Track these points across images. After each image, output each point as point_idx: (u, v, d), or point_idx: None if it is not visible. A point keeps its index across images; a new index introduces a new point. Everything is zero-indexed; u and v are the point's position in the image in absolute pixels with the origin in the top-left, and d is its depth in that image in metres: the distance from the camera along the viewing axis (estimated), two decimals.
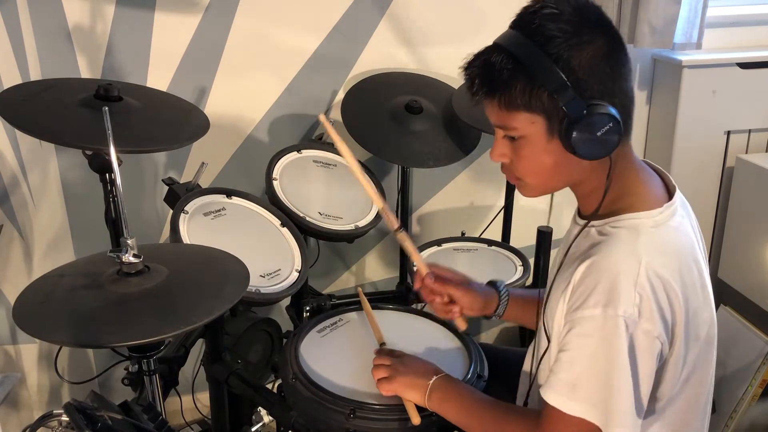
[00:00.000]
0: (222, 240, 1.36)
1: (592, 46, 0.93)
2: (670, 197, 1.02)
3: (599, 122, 0.92)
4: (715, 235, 2.25)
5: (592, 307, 0.91)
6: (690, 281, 0.96)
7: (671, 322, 0.93)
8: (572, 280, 0.95)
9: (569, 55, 0.92)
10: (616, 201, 1.01)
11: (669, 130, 2.13)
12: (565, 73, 0.91)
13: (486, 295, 1.29)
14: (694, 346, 0.98)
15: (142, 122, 1.39)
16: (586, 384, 0.93)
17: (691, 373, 1.00)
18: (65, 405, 0.92)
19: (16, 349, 1.90)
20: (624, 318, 0.89)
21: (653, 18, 1.98)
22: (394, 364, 1.16)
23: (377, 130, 1.82)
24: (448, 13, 2.00)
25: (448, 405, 1.10)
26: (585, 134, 0.92)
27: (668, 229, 0.98)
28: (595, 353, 0.92)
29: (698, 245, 1.04)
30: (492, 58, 0.96)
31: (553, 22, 0.93)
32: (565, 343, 0.95)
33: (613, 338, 0.90)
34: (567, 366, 0.94)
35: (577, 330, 0.93)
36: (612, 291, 0.90)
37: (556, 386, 0.95)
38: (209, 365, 1.47)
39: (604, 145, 0.93)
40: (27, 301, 1.04)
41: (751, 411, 1.93)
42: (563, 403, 0.94)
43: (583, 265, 0.94)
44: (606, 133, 0.92)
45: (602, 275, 0.92)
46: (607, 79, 0.94)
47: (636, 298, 0.90)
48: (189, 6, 1.82)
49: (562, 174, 1.01)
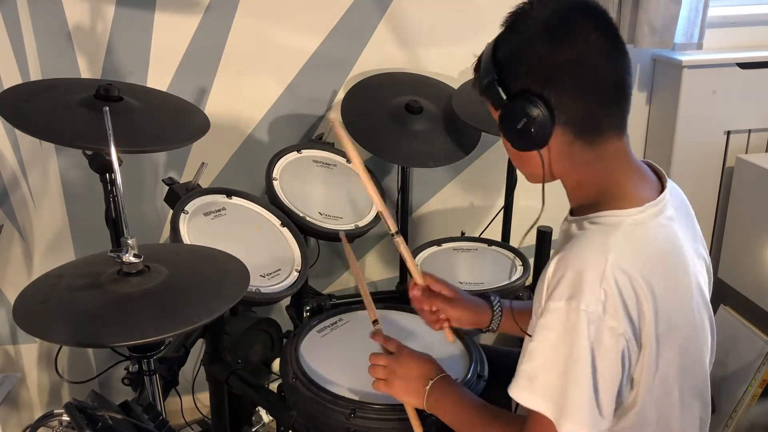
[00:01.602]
0: (222, 240, 1.36)
1: (544, 46, 0.93)
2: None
3: (515, 116, 0.95)
4: (715, 235, 2.26)
5: (557, 300, 0.91)
6: (664, 283, 0.94)
7: (638, 321, 0.92)
8: (546, 274, 0.95)
9: (511, 51, 0.96)
10: (598, 197, 1.00)
11: (669, 130, 2.13)
12: (501, 68, 0.96)
13: (478, 310, 1.28)
14: (667, 350, 0.96)
15: (142, 122, 1.39)
16: (544, 376, 0.92)
17: (669, 377, 0.98)
18: (66, 405, 0.92)
19: (16, 349, 1.90)
20: (586, 312, 0.89)
21: (653, 18, 1.98)
22: (391, 365, 1.15)
23: (377, 130, 1.81)
24: (447, 13, 2.00)
25: (443, 408, 1.10)
26: (507, 125, 0.97)
27: (648, 228, 0.97)
28: (556, 345, 0.91)
29: (690, 247, 1.02)
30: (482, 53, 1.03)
31: (516, 20, 0.97)
32: (534, 334, 0.95)
33: (574, 332, 0.89)
34: (529, 357, 0.94)
35: (542, 321, 0.93)
36: (577, 285, 0.90)
37: (518, 378, 0.95)
38: (209, 365, 1.47)
39: (525, 137, 0.96)
40: (27, 301, 1.04)
41: (751, 411, 1.93)
42: (524, 396, 0.93)
43: (555, 258, 0.94)
44: (524, 127, 0.94)
45: (569, 269, 0.92)
46: (552, 80, 0.93)
47: (601, 294, 0.89)
48: (189, 6, 1.82)
49: (525, 163, 1.04)
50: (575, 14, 0.95)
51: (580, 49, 0.93)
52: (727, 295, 2.12)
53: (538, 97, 0.94)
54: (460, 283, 1.68)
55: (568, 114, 0.95)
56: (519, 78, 0.95)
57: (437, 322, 1.26)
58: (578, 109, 0.95)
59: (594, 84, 0.95)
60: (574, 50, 0.93)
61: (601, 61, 0.95)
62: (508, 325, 1.30)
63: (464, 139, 1.85)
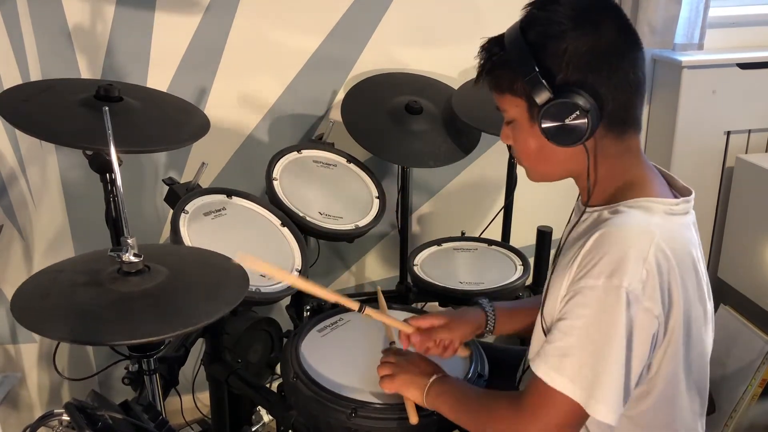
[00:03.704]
0: (222, 240, 1.36)
1: (579, 36, 0.93)
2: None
3: (565, 110, 0.93)
4: (715, 235, 2.26)
5: (595, 278, 0.89)
6: (689, 273, 0.96)
7: (668, 307, 0.92)
8: (581, 251, 0.93)
9: (548, 43, 0.93)
10: (621, 190, 1.00)
11: (669, 130, 2.13)
12: (540, 61, 0.93)
13: (473, 319, 1.27)
14: (684, 340, 0.96)
15: (142, 122, 1.39)
16: (576, 356, 0.90)
17: (678, 367, 0.98)
18: (66, 404, 0.92)
19: (16, 349, 1.90)
20: (627, 290, 0.87)
21: (653, 18, 1.98)
22: (399, 362, 1.16)
23: (377, 130, 1.82)
24: (448, 13, 2.00)
25: (443, 402, 1.10)
26: (552, 120, 0.94)
27: (680, 219, 0.98)
28: (591, 324, 0.89)
29: (698, 248, 1.04)
30: (489, 44, 1.01)
31: (544, 10, 0.95)
32: (564, 313, 0.93)
33: (613, 311, 0.88)
34: (560, 335, 0.92)
35: (577, 299, 0.91)
36: (619, 263, 0.88)
37: (546, 355, 0.93)
38: (209, 365, 1.47)
39: (572, 132, 0.93)
40: (26, 296, 1.03)
41: (751, 411, 1.93)
42: (551, 376, 0.91)
43: (594, 236, 0.92)
44: (574, 120, 0.92)
45: (612, 247, 0.90)
46: (592, 70, 0.93)
47: (643, 273, 0.88)
48: (189, 6, 1.82)
49: (550, 160, 1.02)
50: (602, 7, 0.96)
51: (615, 38, 0.94)
52: (727, 295, 2.12)
53: (584, 87, 0.92)
54: (460, 283, 1.68)
55: (606, 105, 0.95)
56: (561, 68, 0.93)
57: (447, 349, 1.24)
58: (615, 101, 0.95)
59: (627, 75, 0.95)
60: (610, 40, 0.94)
61: (630, 54, 0.96)
62: (504, 325, 1.29)
63: (464, 139, 1.85)
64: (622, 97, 0.96)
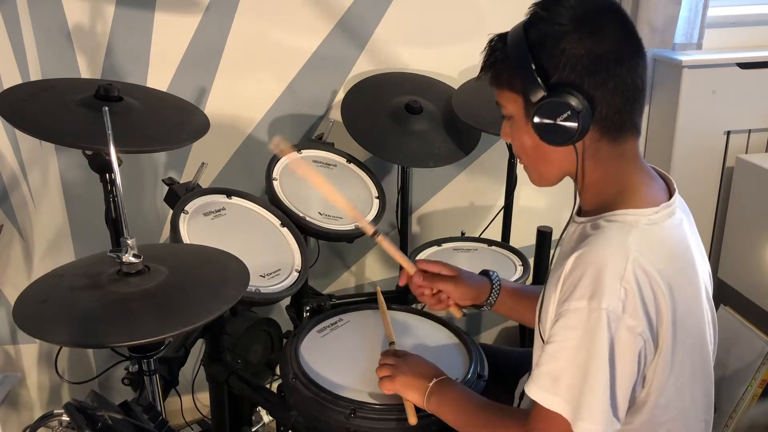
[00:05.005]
0: (222, 240, 1.36)
1: (579, 38, 0.93)
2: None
3: (557, 109, 0.93)
4: (715, 235, 2.25)
5: (577, 299, 0.91)
6: (680, 283, 0.95)
7: (656, 321, 0.92)
8: (563, 272, 0.95)
9: (547, 43, 0.94)
10: (613, 197, 1.00)
11: (669, 130, 2.13)
12: (538, 59, 0.94)
13: (478, 286, 1.29)
14: (681, 350, 0.96)
15: (142, 122, 1.39)
16: (567, 378, 0.92)
17: (681, 378, 0.98)
18: (65, 405, 0.92)
19: (16, 349, 1.90)
20: (607, 311, 0.89)
21: (653, 18, 1.98)
22: (398, 364, 1.16)
23: (377, 130, 1.82)
24: (448, 13, 2.00)
25: (445, 408, 1.10)
26: (543, 119, 0.95)
27: (663, 228, 0.97)
28: (578, 346, 0.91)
29: (696, 249, 1.03)
30: (494, 40, 1.03)
31: (548, 10, 0.96)
32: (552, 335, 0.94)
33: (595, 332, 0.89)
34: (550, 358, 0.94)
35: (563, 322, 0.93)
36: (597, 283, 0.90)
37: (539, 379, 0.94)
38: (209, 365, 1.47)
39: (564, 132, 0.94)
40: (27, 302, 1.04)
41: (751, 411, 1.93)
42: (545, 398, 0.93)
43: (573, 256, 0.94)
44: (565, 121, 0.93)
45: (588, 267, 0.91)
46: (589, 73, 0.93)
47: (621, 292, 0.89)
48: (189, 6, 1.82)
49: (545, 159, 1.02)
50: (606, 11, 0.96)
51: (615, 43, 0.94)
52: (727, 295, 2.12)
53: (579, 89, 0.93)
54: None
55: (601, 109, 0.95)
56: (558, 69, 0.94)
57: (440, 303, 1.27)
58: (609, 105, 0.96)
59: (624, 81, 0.95)
60: (611, 44, 0.94)
61: (632, 59, 0.96)
62: (504, 305, 1.30)
63: (464, 139, 1.85)
64: (618, 102, 0.96)
